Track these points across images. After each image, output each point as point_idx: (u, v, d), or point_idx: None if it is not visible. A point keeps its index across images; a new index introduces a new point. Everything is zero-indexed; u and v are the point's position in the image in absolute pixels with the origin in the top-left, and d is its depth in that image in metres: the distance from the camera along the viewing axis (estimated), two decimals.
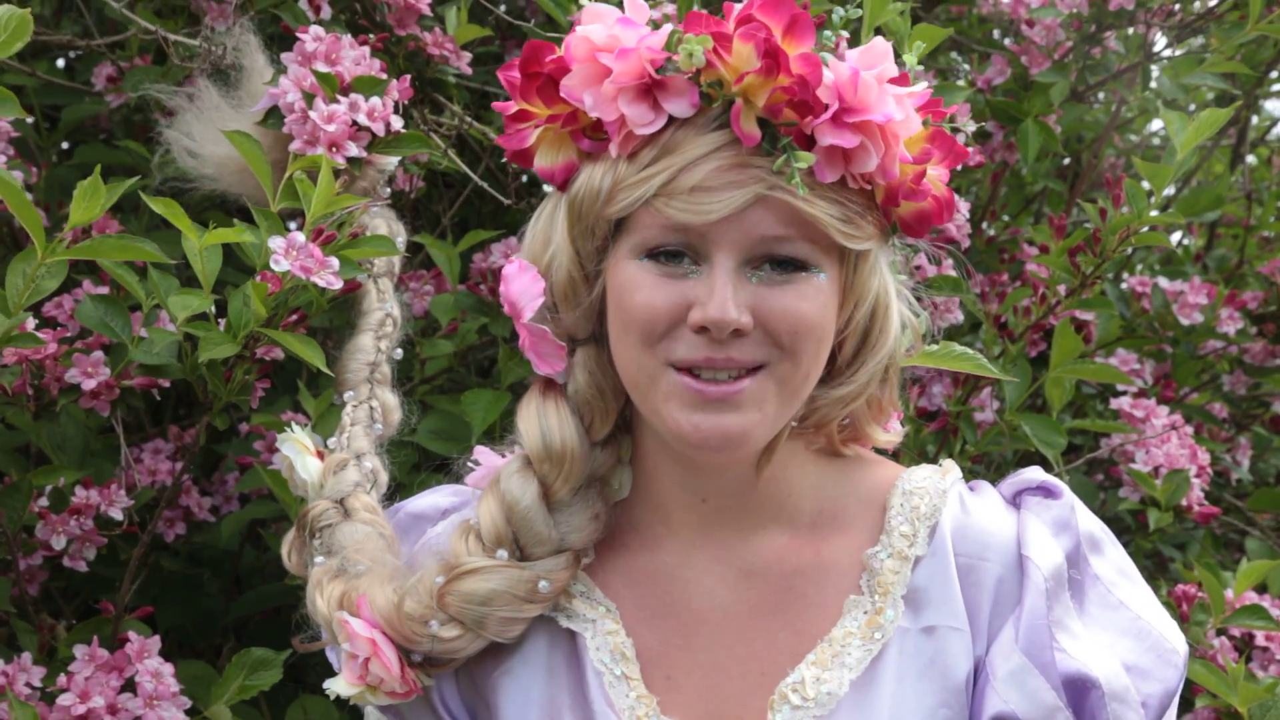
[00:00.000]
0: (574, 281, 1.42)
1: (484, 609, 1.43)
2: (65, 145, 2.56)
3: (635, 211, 1.37)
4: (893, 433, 1.54)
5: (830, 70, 1.35)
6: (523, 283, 1.43)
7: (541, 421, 1.46)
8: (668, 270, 1.36)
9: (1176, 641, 1.45)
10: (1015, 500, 1.50)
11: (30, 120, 2.46)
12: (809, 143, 1.35)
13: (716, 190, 1.33)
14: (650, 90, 1.35)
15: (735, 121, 1.33)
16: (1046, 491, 1.48)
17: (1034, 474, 1.50)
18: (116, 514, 1.91)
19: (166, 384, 1.85)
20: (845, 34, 1.42)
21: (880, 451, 1.57)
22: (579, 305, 1.43)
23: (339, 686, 1.45)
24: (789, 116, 1.34)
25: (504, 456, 1.52)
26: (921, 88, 1.41)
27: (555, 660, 1.48)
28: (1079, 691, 1.40)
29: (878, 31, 1.95)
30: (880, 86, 1.35)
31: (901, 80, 1.39)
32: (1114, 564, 1.48)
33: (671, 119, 1.35)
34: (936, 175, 1.43)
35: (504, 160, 2.40)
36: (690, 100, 1.35)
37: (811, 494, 1.49)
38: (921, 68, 1.43)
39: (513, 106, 1.43)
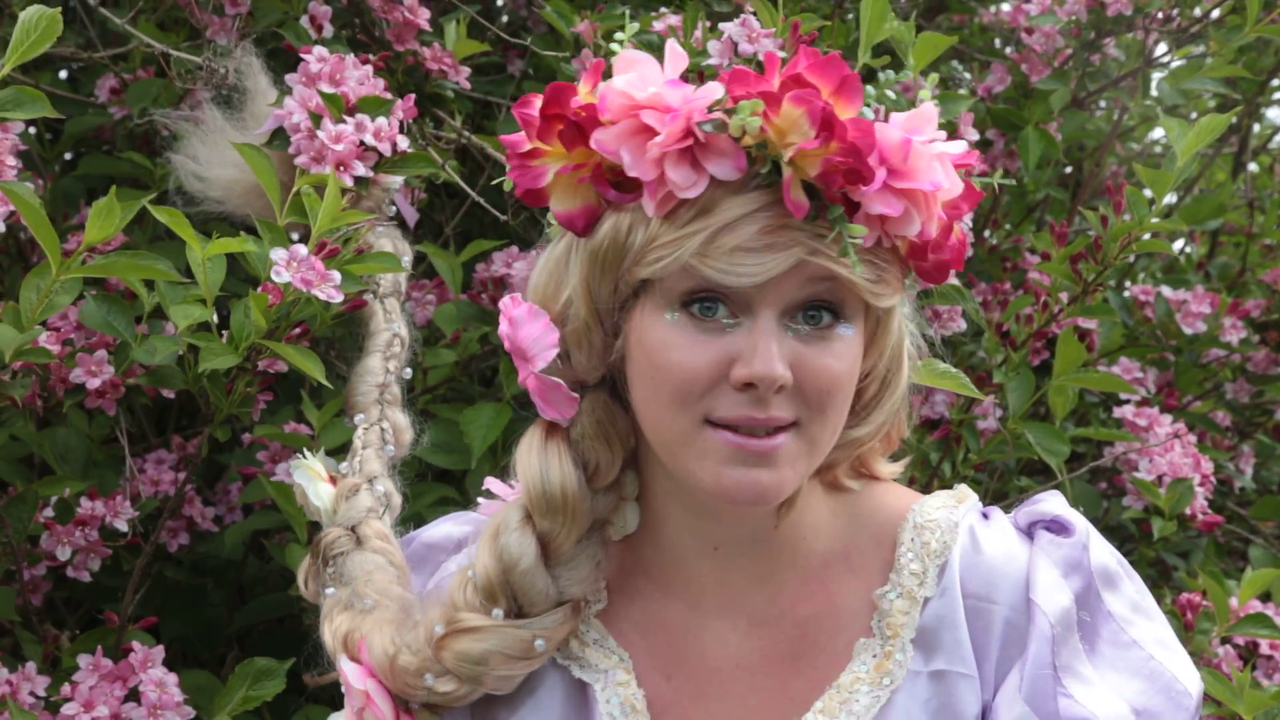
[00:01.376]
0: (590, 330, 1.38)
1: (479, 668, 1.40)
2: (69, 157, 2.57)
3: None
4: (896, 465, 1.53)
5: (879, 134, 1.29)
6: (533, 330, 1.38)
7: (543, 471, 1.41)
8: (705, 325, 1.31)
9: (1188, 682, 1.41)
10: (1030, 531, 1.46)
11: (34, 132, 2.47)
12: (852, 206, 1.30)
13: (757, 252, 1.28)
14: (692, 151, 1.29)
15: (786, 193, 1.28)
16: (1060, 526, 1.44)
17: (1050, 505, 1.46)
18: (121, 525, 1.91)
19: (171, 395, 1.85)
20: (892, 95, 1.38)
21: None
22: (593, 350, 1.39)
23: None
24: (840, 185, 1.28)
25: (513, 487, 1.49)
26: (962, 147, 1.35)
27: (568, 711, 1.46)
28: None
29: (879, 51, 1.94)
30: (929, 155, 1.30)
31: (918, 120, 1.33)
32: (1128, 599, 1.44)
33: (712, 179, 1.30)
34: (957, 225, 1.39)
35: (505, 171, 2.41)
36: (735, 164, 1.28)
37: (825, 534, 1.46)
38: (923, 78, 1.41)
39: (525, 144, 1.35)
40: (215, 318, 1.74)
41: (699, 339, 1.31)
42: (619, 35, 1.39)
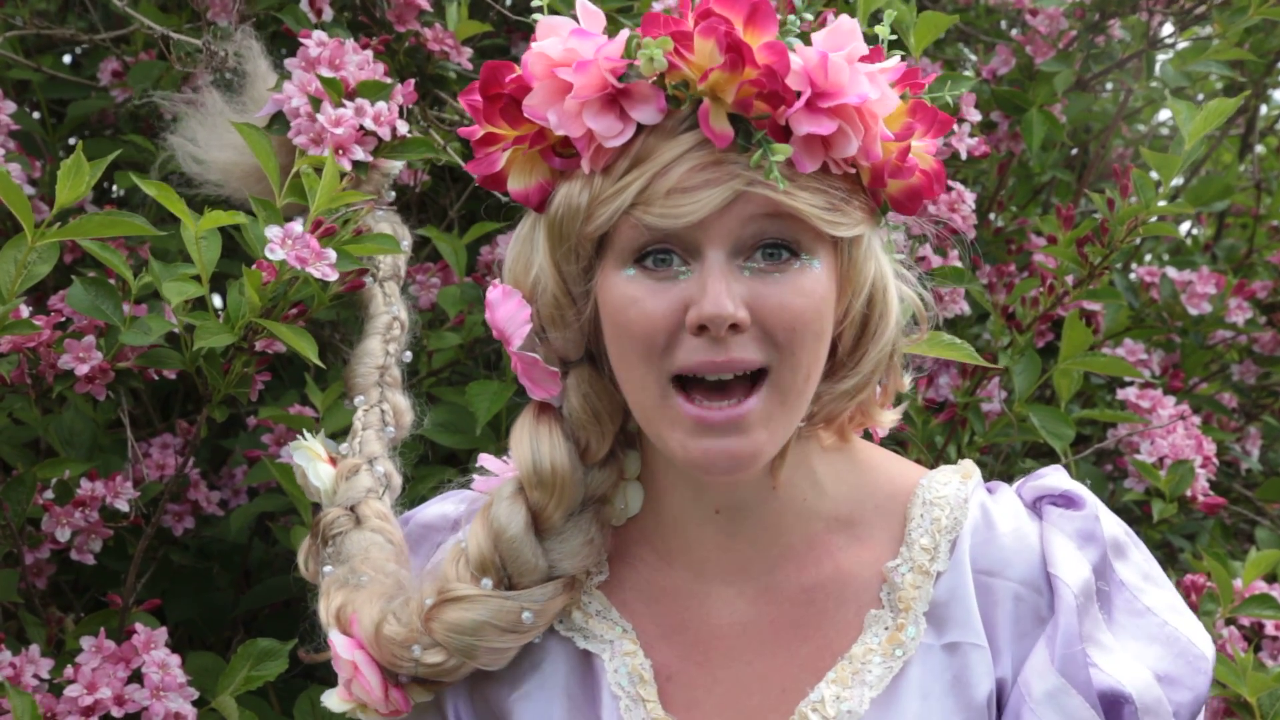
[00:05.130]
0: (560, 304, 1.39)
1: (469, 639, 1.41)
2: (72, 140, 2.57)
3: (616, 224, 1.34)
4: (895, 411, 1.52)
5: (798, 56, 1.31)
6: (508, 309, 1.40)
7: (533, 445, 1.43)
8: (659, 275, 1.33)
9: (1204, 646, 1.43)
10: (1036, 507, 1.47)
11: (36, 116, 2.47)
12: (785, 133, 1.32)
13: (693, 190, 1.30)
14: (615, 100, 1.31)
15: (704, 122, 1.30)
16: (1069, 500, 1.46)
17: (1055, 480, 1.48)
18: (122, 505, 1.91)
19: (172, 376, 1.86)
20: (810, 17, 1.38)
21: (889, 443, 1.56)
22: (568, 327, 1.40)
23: (331, 702, 1.46)
24: (760, 109, 1.30)
25: (508, 462, 1.50)
26: (894, 62, 1.37)
27: (573, 683, 1.46)
28: (1112, 707, 1.38)
29: (873, 20, 1.93)
30: (851, 67, 1.31)
31: (874, 56, 1.35)
32: (1139, 568, 1.46)
33: (641, 127, 1.32)
34: (923, 147, 1.39)
35: None
36: (657, 105, 1.31)
37: (827, 495, 1.47)
38: (891, 36, 1.40)
39: (479, 131, 1.39)
40: (220, 301, 1.74)
41: (655, 289, 1.33)
42: (536, 1, 1.39)
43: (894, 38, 1.41)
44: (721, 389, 1.34)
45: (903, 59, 1.40)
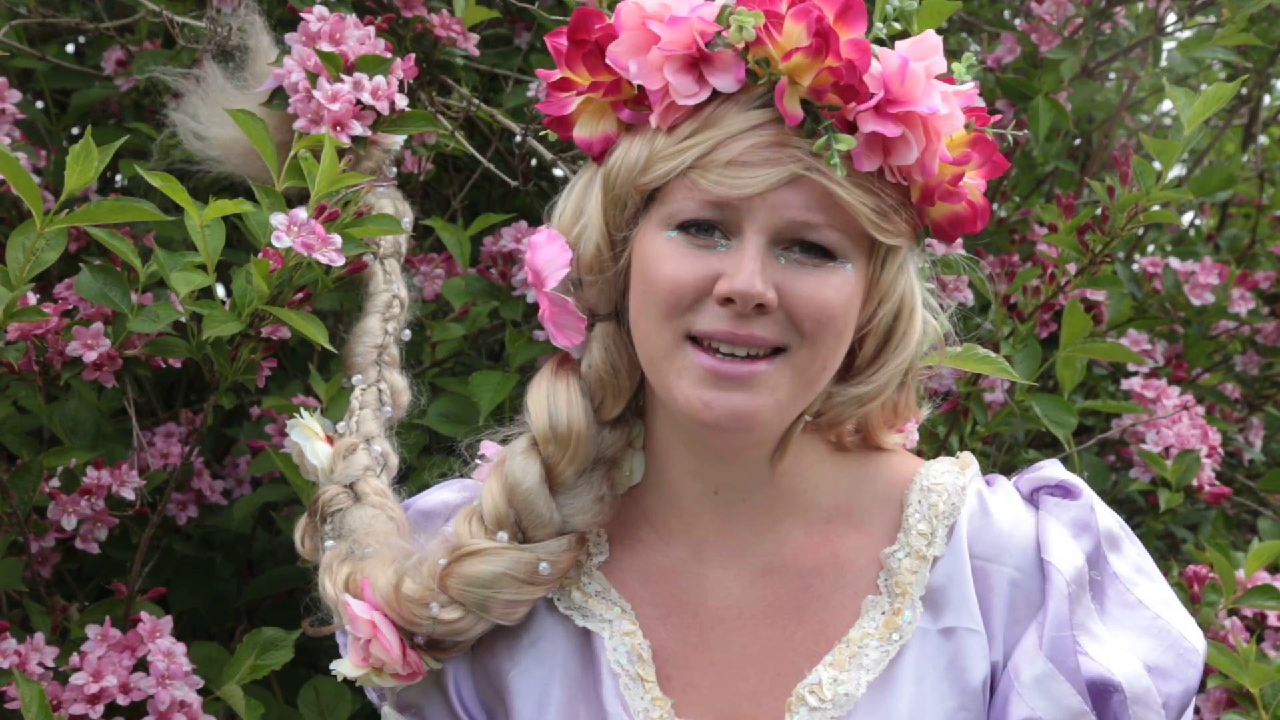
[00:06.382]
0: (600, 253, 1.43)
1: (486, 591, 1.43)
2: (75, 130, 2.57)
3: (669, 183, 1.37)
4: (903, 435, 1.54)
5: (879, 59, 1.35)
6: (550, 251, 1.44)
7: (550, 400, 1.45)
8: (697, 242, 1.37)
9: (1195, 640, 1.45)
10: (1033, 498, 1.49)
11: (40, 105, 2.47)
12: (851, 129, 1.35)
13: (753, 166, 1.34)
14: (696, 63, 1.36)
15: (779, 98, 1.34)
16: (1065, 491, 1.48)
17: (1052, 471, 1.50)
18: (128, 494, 1.91)
19: (178, 364, 1.85)
20: (898, 24, 1.42)
21: None
22: (603, 278, 1.43)
23: (344, 668, 1.46)
24: (833, 100, 1.34)
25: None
26: (969, 87, 1.41)
27: (571, 660, 1.48)
28: (1101, 695, 1.40)
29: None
30: (927, 79, 1.35)
31: (947, 81, 1.39)
32: (1132, 561, 1.48)
33: (714, 94, 1.36)
34: (974, 184, 1.43)
35: (513, 143, 2.40)
36: (736, 75, 1.35)
37: (827, 489, 1.48)
38: (970, 79, 1.43)
39: (556, 74, 1.43)
40: (222, 289, 1.74)
41: (691, 253, 1.37)
42: None
43: (969, 75, 1.43)
44: (732, 354, 1.37)
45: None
